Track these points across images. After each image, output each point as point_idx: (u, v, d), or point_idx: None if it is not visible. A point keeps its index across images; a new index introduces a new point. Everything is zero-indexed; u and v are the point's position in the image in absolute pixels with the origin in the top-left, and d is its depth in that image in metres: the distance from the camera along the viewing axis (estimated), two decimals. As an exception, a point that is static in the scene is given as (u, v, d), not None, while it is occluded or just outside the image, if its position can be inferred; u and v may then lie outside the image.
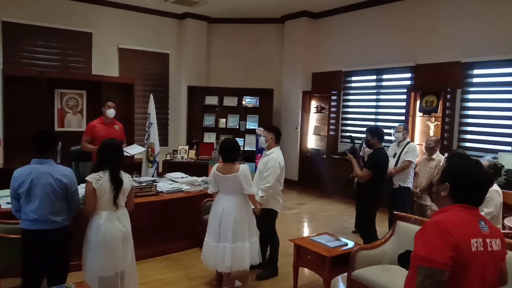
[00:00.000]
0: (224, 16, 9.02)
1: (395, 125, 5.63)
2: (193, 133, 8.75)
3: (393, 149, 5.31)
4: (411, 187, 5.04)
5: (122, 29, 8.17)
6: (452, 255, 1.54)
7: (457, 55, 6.20)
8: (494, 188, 3.65)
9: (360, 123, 7.86)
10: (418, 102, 6.62)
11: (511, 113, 5.75)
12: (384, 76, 7.49)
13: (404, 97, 6.88)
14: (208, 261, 3.65)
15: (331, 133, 8.27)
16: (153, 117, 6.43)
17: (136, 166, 6.36)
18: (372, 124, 7.32)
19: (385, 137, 4.48)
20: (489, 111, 6.01)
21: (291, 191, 7.98)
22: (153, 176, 5.95)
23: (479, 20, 5.98)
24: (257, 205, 3.72)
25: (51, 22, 7.34)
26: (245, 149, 8.28)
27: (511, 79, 5.73)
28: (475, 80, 6.17)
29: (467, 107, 6.21)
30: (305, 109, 8.64)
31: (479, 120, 6.11)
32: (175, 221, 4.71)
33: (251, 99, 8.68)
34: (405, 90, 6.87)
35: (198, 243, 4.46)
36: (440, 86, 6.39)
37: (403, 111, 6.82)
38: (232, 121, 8.68)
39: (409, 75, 7.02)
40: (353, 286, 3.24)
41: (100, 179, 2.95)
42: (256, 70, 9.22)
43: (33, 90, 6.52)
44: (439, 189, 1.77)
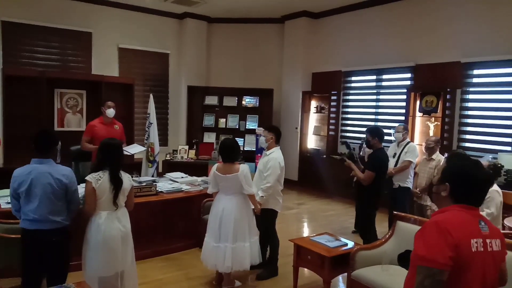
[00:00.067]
0: (224, 16, 9.02)
1: (395, 125, 5.63)
2: (193, 133, 8.74)
3: (393, 149, 5.31)
4: (411, 187, 5.04)
5: (122, 29, 8.17)
6: (452, 255, 1.54)
7: (457, 55, 6.20)
8: (494, 188, 3.65)
9: (360, 123, 7.86)
10: (418, 102, 6.62)
11: (511, 113, 5.76)
12: (384, 76, 7.49)
13: (404, 97, 6.88)
14: (208, 261, 3.65)
15: (331, 133, 8.27)
16: (153, 117, 6.44)
17: (136, 166, 6.36)
18: (372, 124, 7.32)
19: (385, 137, 4.47)
20: (489, 111, 6.01)
21: (291, 191, 7.98)
22: (153, 176, 5.96)
23: (479, 20, 5.98)
24: (257, 205, 3.72)
25: (51, 22, 7.34)
26: (245, 149, 8.28)
27: (511, 79, 5.73)
28: (475, 80, 6.17)
29: (467, 107, 6.21)
30: (305, 109, 8.64)
31: (479, 120, 6.11)
32: (175, 221, 4.71)
33: (251, 99, 8.68)
34: (405, 90, 6.87)
35: (198, 243, 4.47)
36: (440, 86, 6.39)
37: (403, 111, 6.82)
38: (232, 121, 8.68)
39: (409, 75, 7.01)
40: (353, 286, 3.24)
41: (100, 179, 2.95)
42: (256, 70, 9.22)
43: (33, 90, 6.52)
44: (439, 189, 1.77)
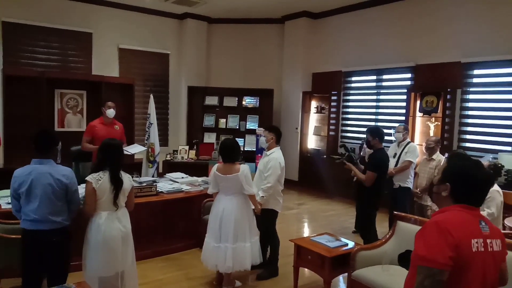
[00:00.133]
0: (224, 16, 9.02)
1: (395, 125, 5.63)
2: (193, 133, 8.74)
3: (393, 149, 5.31)
4: (411, 187, 5.04)
5: (122, 29, 8.17)
6: (452, 255, 1.54)
7: (457, 55, 6.20)
8: (494, 188, 3.65)
9: (360, 123, 7.86)
10: (418, 102, 6.62)
11: (511, 113, 5.76)
12: (384, 76, 7.49)
13: (404, 97, 6.88)
14: (208, 262, 3.64)
15: (331, 133, 8.27)
16: (153, 117, 6.43)
17: (136, 166, 6.36)
18: (372, 124, 7.32)
19: (385, 137, 4.47)
20: (489, 111, 6.00)
21: (291, 191, 7.98)
22: (153, 176, 5.96)
23: (479, 20, 5.98)
24: (257, 205, 3.72)
25: (51, 22, 7.34)
26: (245, 149, 8.28)
27: (511, 79, 5.73)
28: (475, 80, 6.17)
29: (467, 107, 6.21)
30: (305, 109, 8.64)
31: (479, 120, 6.11)
32: (175, 221, 4.70)
33: (251, 99, 8.68)
34: (405, 90, 6.87)
35: (198, 244, 4.46)
36: (440, 86, 6.39)
37: (403, 111, 6.82)
38: (232, 121, 8.68)
39: (409, 75, 7.01)
40: (353, 286, 3.24)
41: (100, 179, 2.95)
42: (256, 70, 9.22)
43: (33, 90, 6.52)
44: (440, 189, 1.76)
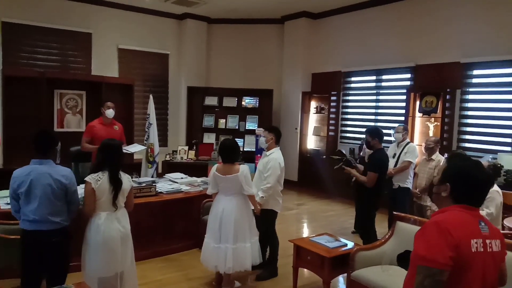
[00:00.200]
0: (223, 17, 9.02)
1: (394, 125, 5.62)
2: (193, 133, 8.74)
3: (392, 150, 5.31)
4: (410, 188, 5.04)
5: (122, 29, 8.17)
6: (452, 255, 1.54)
7: (456, 56, 6.20)
8: (494, 188, 3.65)
9: (359, 123, 7.86)
10: (417, 103, 6.62)
11: (511, 114, 5.76)
12: (384, 77, 7.49)
13: (403, 97, 6.89)
14: (208, 262, 3.64)
15: (330, 133, 8.27)
16: (152, 118, 6.43)
17: (136, 167, 6.35)
18: (372, 124, 7.31)
19: (385, 138, 4.47)
20: (488, 111, 6.01)
21: (290, 192, 7.97)
22: (152, 176, 5.95)
23: (479, 21, 5.98)
24: (257, 206, 3.72)
25: (50, 22, 7.34)
26: (245, 149, 8.28)
27: (510, 79, 5.73)
28: (474, 80, 6.17)
29: (467, 108, 6.21)
30: (305, 110, 8.64)
31: (479, 120, 6.12)
32: (175, 221, 4.70)
33: (250, 99, 8.68)
34: (405, 91, 6.87)
35: (198, 244, 4.46)
36: (439, 87, 6.39)
37: (403, 111, 6.82)
38: (232, 122, 8.68)
39: (408, 76, 7.01)
40: (353, 287, 3.24)
41: (99, 180, 2.94)
42: (255, 70, 9.22)
43: (32, 91, 6.52)
44: (440, 189, 1.76)
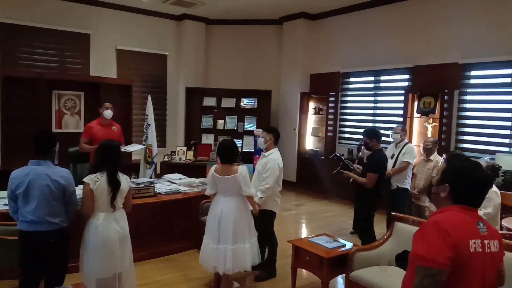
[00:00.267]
0: (222, 18, 9.03)
1: (393, 126, 5.63)
2: (191, 134, 8.74)
3: (391, 150, 5.31)
4: (409, 188, 5.04)
5: (120, 30, 8.17)
6: (451, 255, 1.54)
7: (455, 57, 6.22)
8: (493, 189, 3.65)
9: (358, 124, 7.87)
10: (415, 103, 6.63)
11: (508, 114, 5.79)
12: (382, 77, 7.50)
13: (402, 98, 6.89)
14: (208, 263, 3.62)
15: (329, 134, 8.28)
16: (151, 118, 6.43)
17: (134, 167, 6.34)
18: (370, 125, 7.32)
19: (383, 138, 4.47)
20: (486, 112, 6.02)
21: (289, 192, 7.97)
22: (151, 177, 5.95)
23: (477, 22, 6.00)
24: (255, 206, 3.72)
25: (49, 23, 7.33)
26: (243, 150, 8.28)
27: (508, 80, 5.76)
28: (472, 81, 6.20)
29: (465, 108, 6.23)
30: (303, 110, 8.65)
31: (477, 121, 6.13)
32: (173, 222, 4.69)
33: (249, 100, 8.68)
34: (403, 91, 6.88)
35: (197, 245, 4.45)
36: (437, 87, 6.40)
37: (401, 112, 6.83)
38: (230, 122, 8.68)
39: (407, 76, 7.03)
40: (351, 287, 3.24)
41: (97, 181, 2.94)
42: (254, 71, 9.22)
43: (31, 92, 6.49)
44: (439, 189, 1.76)
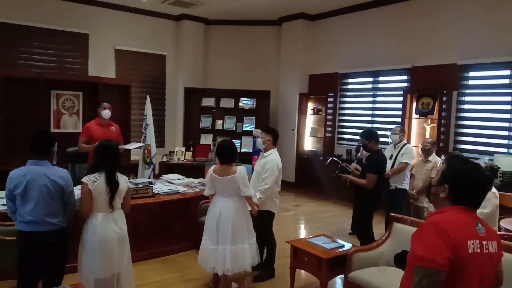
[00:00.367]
0: (221, 18, 9.03)
1: (391, 127, 5.64)
2: (190, 134, 8.73)
3: (389, 151, 5.31)
4: (407, 189, 5.05)
5: (119, 30, 8.16)
6: (450, 256, 1.54)
7: (453, 58, 6.23)
8: (492, 190, 3.66)
9: (356, 125, 7.87)
10: (414, 104, 6.64)
11: (507, 115, 5.80)
12: (381, 78, 7.51)
13: (400, 99, 6.90)
14: (207, 264, 3.62)
15: (327, 135, 8.28)
16: (149, 119, 6.42)
17: (133, 168, 6.33)
18: (369, 126, 7.31)
19: (382, 139, 4.47)
20: (485, 113, 6.04)
21: (288, 193, 7.98)
22: (149, 177, 5.95)
23: (476, 23, 6.01)
24: (254, 207, 3.72)
25: (48, 23, 7.32)
26: (242, 150, 8.28)
27: (506, 81, 5.77)
28: (471, 82, 6.21)
29: (463, 109, 6.24)
30: (302, 111, 8.65)
31: (475, 122, 6.15)
32: (172, 223, 4.69)
33: (248, 100, 8.69)
34: (402, 92, 6.89)
35: (195, 245, 4.44)
36: (436, 88, 6.41)
37: (400, 113, 6.84)
38: (229, 123, 8.68)
39: (405, 77, 7.04)
40: (350, 288, 3.24)
41: (96, 181, 2.94)
42: (253, 71, 9.22)
43: (29, 91, 6.48)
44: (438, 190, 1.76)
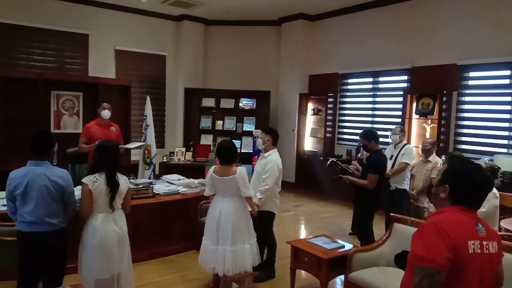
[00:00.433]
0: (221, 18, 9.03)
1: (391, 127, 5.64)
2: (190, 135, 8.73)
3: (390, 151, 5.31)
4: (407, 189, 5.05)
5: (119, 30, 8.16)
6: (450, 256, 1.54)
7: (453, 58, 6.23)
8: (492, 190, 3.66)
9: (356, 125, 7.87)
10: (414, 105, 6.64)
11: (507, 115, 5.80)
12: (381, 79, 7.51)
13: (400, 99, 6.90)
14: (207, 264, 3.62)
15: (327, 135, 8.28)
16: (149, 119, 6.42)
17: (133, 168, 6.34)
18: (368, 126, 7.31)
19: (382, 140, 4.46)
20: (484, 113, 6.04)
21: (288, 193, 7.98)
22: (149, 178, 5.95)
23: (476, 23, 6.01)
24: (254, 207, 3.72)
25: (47, 23, 7.32)
26: (242, 151, 8.28)
27: (506, 81, 5.77)
28: (471, 82, 6.21)
29: (463, 109, 6.24)
30: (302, 111, 8.65)
31: (475, 122, 6.15)
32: (172, 223, 4.69)
33: (248, 101, 8.69)
34: (402, 93, 6.89)
35: (195, 246, 4.45)
36: (436, 89, 6.41)
37: (400, 113, 6.84)
38: (229, 123, 8.68)
39: (405, 78, 7.04)
40: (350, 288, 3.24)
41: (96, 181, 2.94)
42: (253, 72, 9.23)
43: (29, 92, 6.48)
44: (438, 190, 1.76)
